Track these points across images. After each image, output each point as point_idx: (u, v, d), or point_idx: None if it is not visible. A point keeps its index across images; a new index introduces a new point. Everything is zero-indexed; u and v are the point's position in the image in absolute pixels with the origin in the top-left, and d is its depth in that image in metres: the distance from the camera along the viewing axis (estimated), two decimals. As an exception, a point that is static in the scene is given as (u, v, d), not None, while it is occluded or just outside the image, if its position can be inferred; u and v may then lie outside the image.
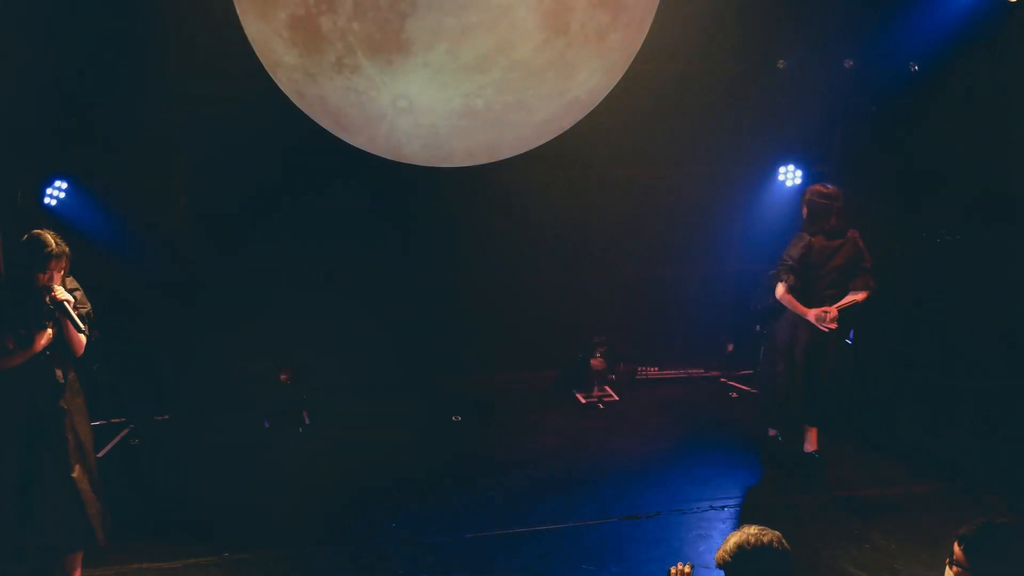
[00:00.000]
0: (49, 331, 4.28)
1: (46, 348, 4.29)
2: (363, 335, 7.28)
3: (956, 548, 2.88)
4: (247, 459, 6.23)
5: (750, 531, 2.81)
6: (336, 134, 6.83)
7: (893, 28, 6.87)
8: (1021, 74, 6.39)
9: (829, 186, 5.95)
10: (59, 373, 4.36)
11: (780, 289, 5.88)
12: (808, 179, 7.70)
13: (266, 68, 6.51)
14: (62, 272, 4.31)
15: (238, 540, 5.11)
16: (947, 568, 2.91)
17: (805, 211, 5.94)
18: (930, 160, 6.99)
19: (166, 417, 6.83)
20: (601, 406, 7.35)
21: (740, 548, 2.78)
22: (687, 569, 2.89)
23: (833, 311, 5.79)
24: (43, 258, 4.21)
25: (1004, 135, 6.56)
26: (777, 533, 2.80)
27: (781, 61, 7.21)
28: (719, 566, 2.84)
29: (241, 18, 6.30)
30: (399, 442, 6.63)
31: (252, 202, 6.85)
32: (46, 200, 6.35)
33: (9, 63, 5.99)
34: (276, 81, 6.56)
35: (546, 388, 7.65)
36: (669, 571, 2.98)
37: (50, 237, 4.27)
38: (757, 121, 7.51)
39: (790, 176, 7.73)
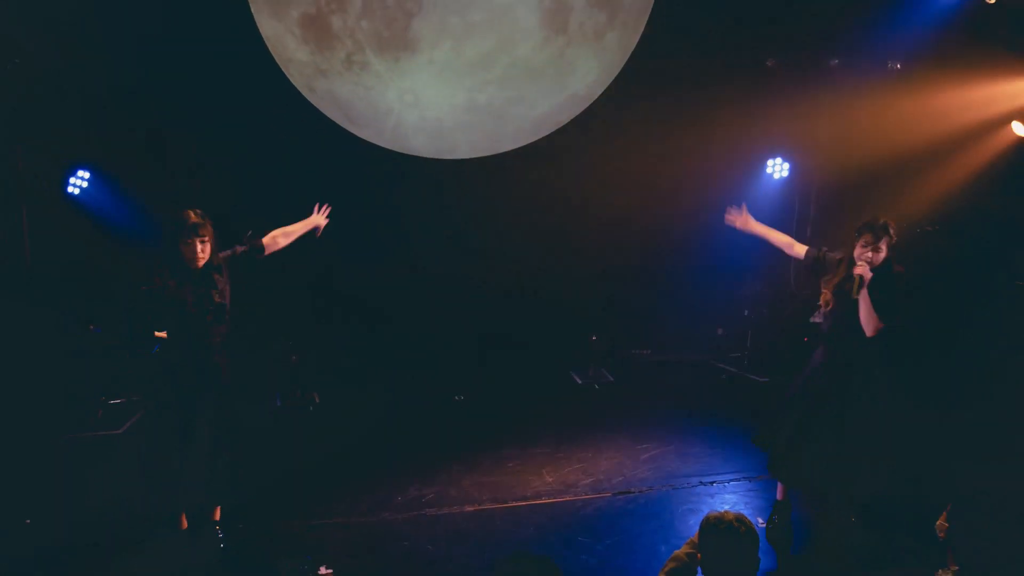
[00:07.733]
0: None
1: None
2: (371, 321, 7.53)
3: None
4: (259, 437, 6.32)
5: (724, 515, 3.06)
6: (345, 127, 7.03)
7: (876, 28, 7.03)
8: (1000, 73, 6.60)
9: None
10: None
11: None
12: (794, 172, 7.88)
13: (279, 64, 6.71)
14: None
15: (248, 516, 5.19)
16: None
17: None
18: (912, 152, 7.14)
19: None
20: (597, 387, 7.57)
21: (705, 522, 3.07)
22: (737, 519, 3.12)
23: None
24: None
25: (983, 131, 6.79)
26: (744, 524, 3.01)
27: (770, 59, 7.41)
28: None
29: (255, 16, 6.51)
30: (405, 421, 6.84)
31: (266, 191, 6.90)
32: (69, 189, 6.53)
33: (34, 57, 6.16)
34: (288, 76, 6.77)
35: (545, 370, 7.84)
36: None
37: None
38: (746, 117, 7.64)
39: (778, 169, 8.00)
